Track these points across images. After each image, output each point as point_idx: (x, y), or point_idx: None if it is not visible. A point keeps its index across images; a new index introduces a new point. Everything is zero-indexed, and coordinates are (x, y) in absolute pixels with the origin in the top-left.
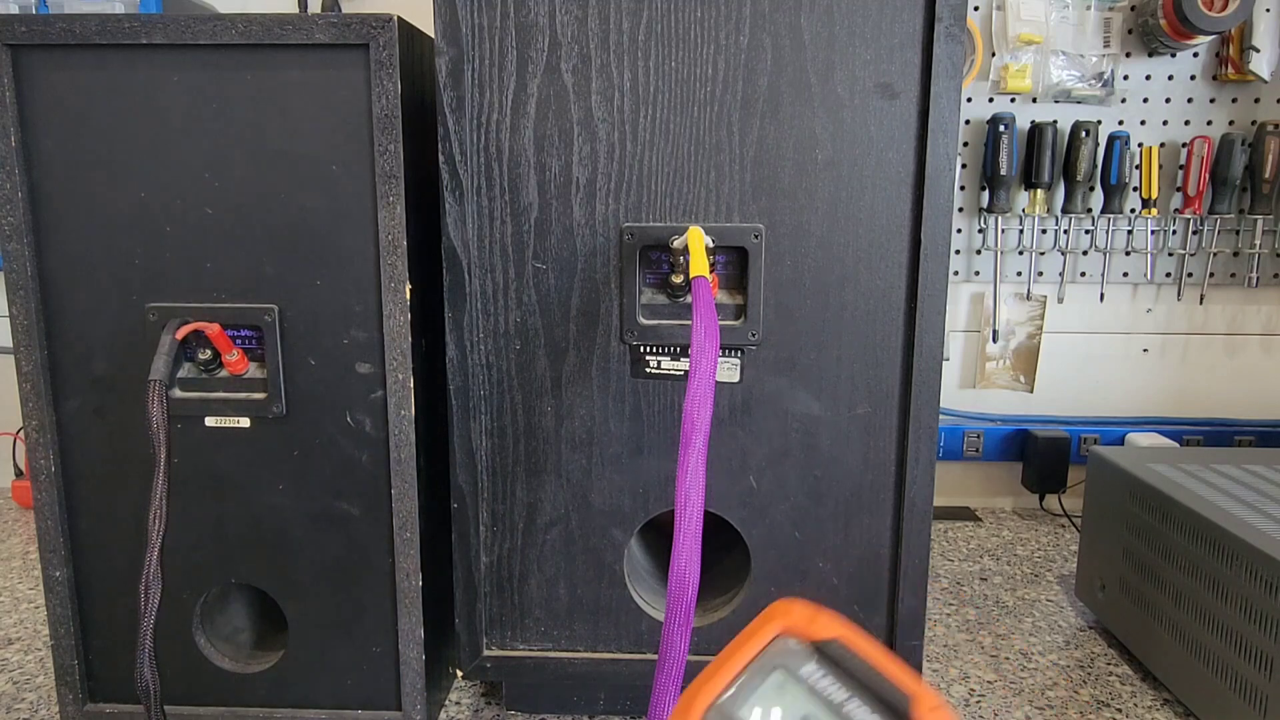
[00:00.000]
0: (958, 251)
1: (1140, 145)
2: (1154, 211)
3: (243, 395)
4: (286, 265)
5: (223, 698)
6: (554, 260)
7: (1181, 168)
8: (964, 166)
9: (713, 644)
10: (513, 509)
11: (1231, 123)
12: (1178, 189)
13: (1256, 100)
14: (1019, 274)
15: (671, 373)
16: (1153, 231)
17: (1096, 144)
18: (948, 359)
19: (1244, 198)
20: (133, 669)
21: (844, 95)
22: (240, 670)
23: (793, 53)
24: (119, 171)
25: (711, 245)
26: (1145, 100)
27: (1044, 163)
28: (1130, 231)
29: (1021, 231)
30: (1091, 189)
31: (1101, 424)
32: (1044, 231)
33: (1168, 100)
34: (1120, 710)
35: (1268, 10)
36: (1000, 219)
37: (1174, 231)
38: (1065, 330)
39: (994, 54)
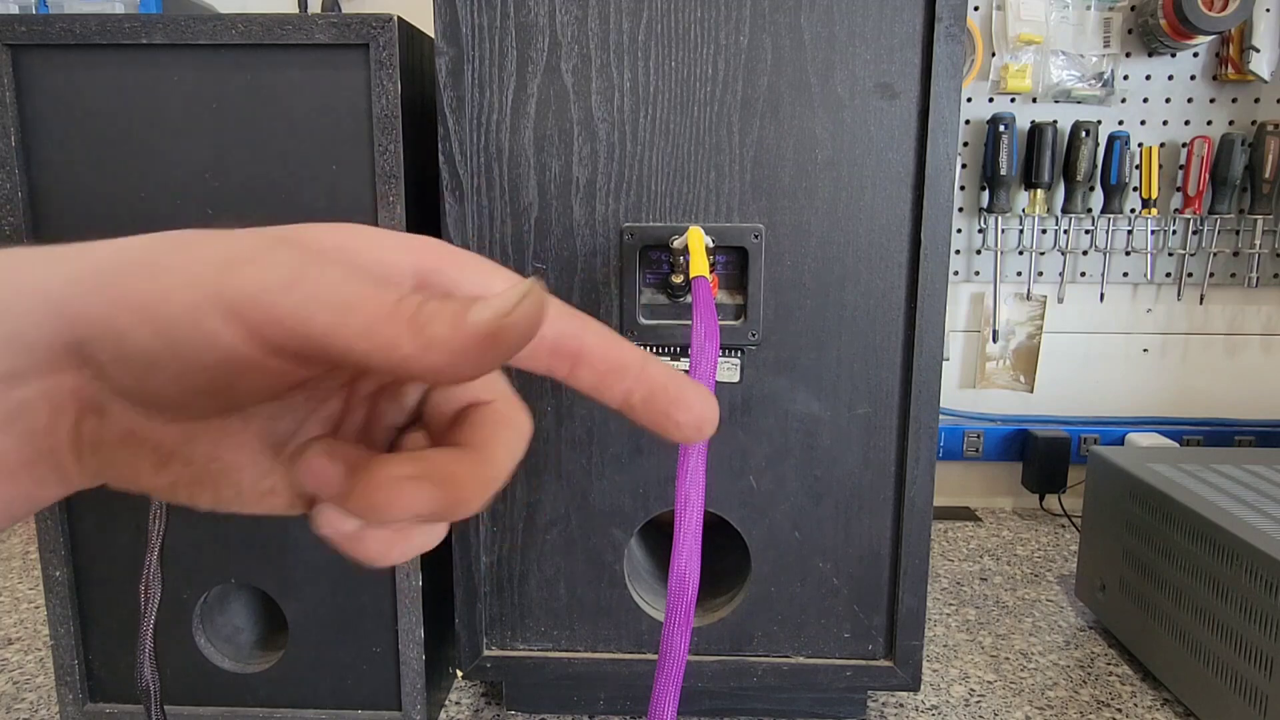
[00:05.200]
0: (958, 251)
1: (1140, 145)
2: (1154, 211)
3: None
4: None
5: (223, 698)
6: (554, 260)
7: (1181, 168)
8: (964, 166)
9: (713, 644)
10: (513, 509)
11: (1231, 123)
12: (1178, 189)
13: (1256, 100)
14: (1019, 274)
15: None
16: (1153, 231)
17: (1096, 144)
18: (948, 359)
19: (1244, 198)
20: (133, 669)
21: (844, 95)
22: (240, 670)
23: (793, 53)
24: (119, 171)
25: (711, 245)
26: (1145, 100)
27: (1044, 163)
28: (1130, 231)
29: (1021, 231)
30: (1091, 189)
31: (1101, 424)
32: (1044, 231)
33: (1168, 100)
34: (1120, 710)
35: (1268, 10)
36: (1000, 219)
37: (1174, 231)
38: (1065, 330)
39: (994, 54)
